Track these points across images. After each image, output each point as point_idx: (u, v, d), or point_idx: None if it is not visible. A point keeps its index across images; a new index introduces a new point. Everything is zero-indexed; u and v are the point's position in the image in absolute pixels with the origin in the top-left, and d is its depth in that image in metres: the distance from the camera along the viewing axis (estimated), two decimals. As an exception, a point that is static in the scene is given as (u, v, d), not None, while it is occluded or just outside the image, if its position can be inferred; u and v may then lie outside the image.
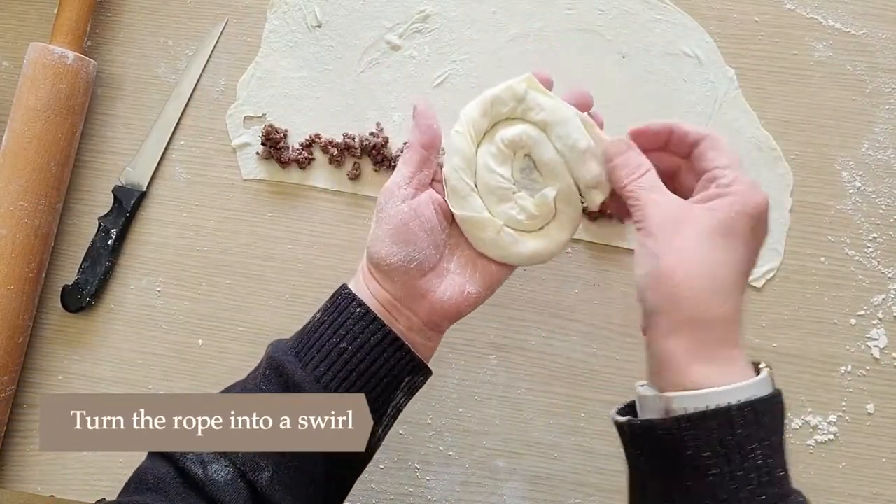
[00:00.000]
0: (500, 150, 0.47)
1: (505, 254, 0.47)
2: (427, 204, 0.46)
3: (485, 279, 0.47)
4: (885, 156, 0.62)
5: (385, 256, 0.45)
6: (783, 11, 0.63)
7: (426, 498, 0.61)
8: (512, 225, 0.47)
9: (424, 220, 0.46)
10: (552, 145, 0.46)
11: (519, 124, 0.47)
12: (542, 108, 0.46)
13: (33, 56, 0.61)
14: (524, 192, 0.47)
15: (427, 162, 0.47)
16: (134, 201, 0.64)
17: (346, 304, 0.46)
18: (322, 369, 0.44)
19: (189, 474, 0.42)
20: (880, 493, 0.59)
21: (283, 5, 0.65)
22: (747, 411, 0.37)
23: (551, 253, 0.48)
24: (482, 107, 0.47)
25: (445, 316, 0.47)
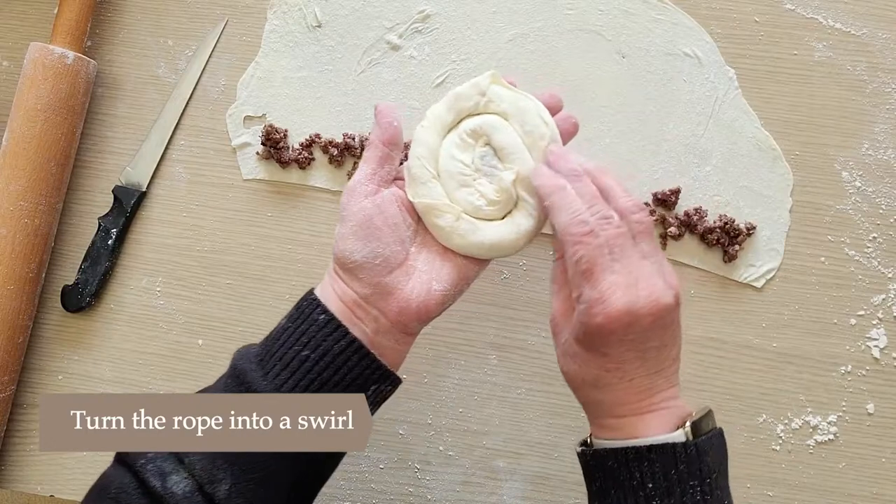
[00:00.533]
0: (462, 140, 0.48)
1: (465, 242, 0.47)
2: (390, 200, 0.47)
3: (452, 276, 0.47)
4: (885, 156, 0.62)
5: (350, 253, 0.45)
6: (783, 11, 0.63)
7: (426, 498, 0.61)
8: (472, 213, 0.47)
9: (388, 216, 0.46)
10: (512, 131, 0.47)
11: (481, 116, 0.48)
12: (504, 100, 0.48)
13: (33, 56, 0.61)
14: (484, 179, 0.48)
15: (388, 158, 0.47)
16: (134, 201, 0.64)
17: (311, 311, 0.45)
18: (283, 377, 0.44)
19: (148, 486, 0.41)
20: (880, 493, 0.59)
21: (283, 5, 0.65)
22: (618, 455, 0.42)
23: (516, 241, 0.48)
24: (447, 102, 0.48)
25: (414, 315, 0.46)
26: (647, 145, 0.62)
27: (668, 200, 0.61)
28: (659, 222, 0.61)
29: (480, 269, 0.49)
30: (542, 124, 0.47)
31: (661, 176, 0.62)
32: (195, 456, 0.42)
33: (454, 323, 0.62)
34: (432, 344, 0.62)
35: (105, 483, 0.43)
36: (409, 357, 0.61)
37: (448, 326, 0.62)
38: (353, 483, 0.61)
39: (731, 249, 0.61)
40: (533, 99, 0.48)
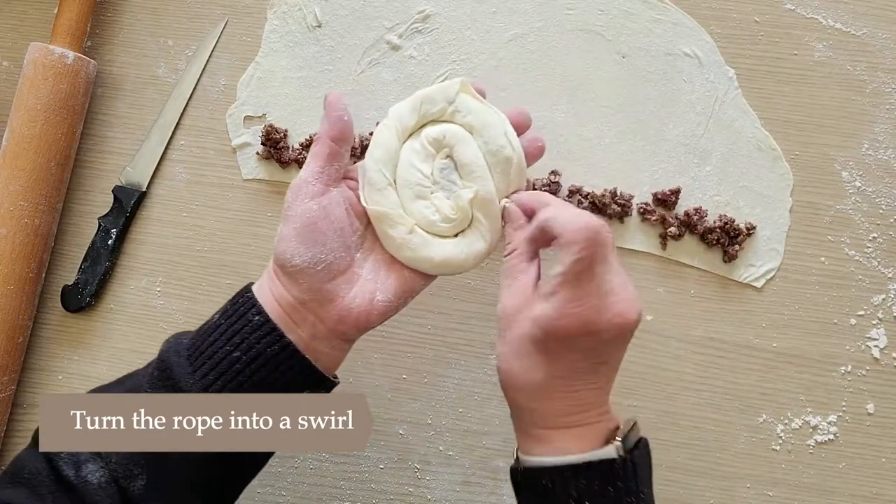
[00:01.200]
0: (423, 147, 0.46)
1: (414, 256, 0.46)
2: (338, 202, 0.44)
3: (397, 287, 0.45)
4: (885, 156, 0.62)
5: (290, 257, 0.43)
6: (783, 11, 0.63)
7: (426, 498, 0.61)
8: (425, 227, 0.46)
9: (334, 220, 0.44)
10: (477, 147, 0.45)
11: (445, 125, 0.46)
12: (470, 112, 0.46)
13: (33, 56, 0.61)
14: (441, 193, 0.46)
15: (337, 155, 0.45)
16: (134, 201, 0.64)
17: (246, 310, 0.43)
18: (211, 378, 0.42)
19: (61, 474, 0.41)
20: (880, 493, 0.59)
21: (283, 5, 0.65)
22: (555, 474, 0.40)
23: (464, 262, 0.46)
24: (412, 104, 0.46)
25: (353, 324, 0.44)
26: (647, 145, 0.62)
27: (668, 200, 0.61)
28: (659, 222, 0.62)
29: (426, 284, 0.47)
30: (508, 145, 0.46)
31: (661, 176, 0.62)
32: None
33: (454, 323, 0.62)
34: (432, 344, 0.62)
35: (20, 465, 0.42)
36: (409, 357, 0.61)
37: (448, 326, 0.62)
38: (353, 483, 0.61)
39: (731, 249, 0.61)
40: (500, 115, 0.46)
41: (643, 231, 0.62)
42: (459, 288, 0.62)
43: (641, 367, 0.61)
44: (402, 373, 0.62)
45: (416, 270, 0.46)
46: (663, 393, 0.61)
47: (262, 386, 0.42)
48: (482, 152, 0.46)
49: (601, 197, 0.61)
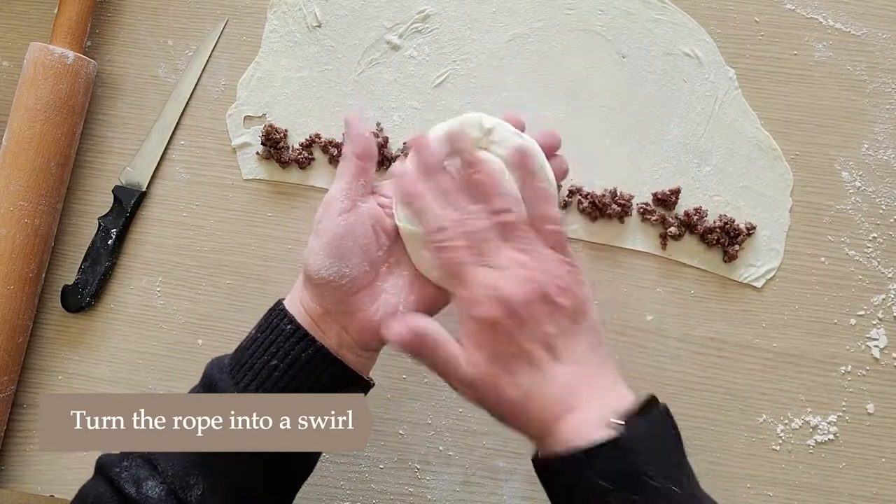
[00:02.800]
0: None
1: (443, 276, 0.46)
2: (364, 219, 0.46)
3: (420, 303, 0.47)
4: (885, 156, 0.62)
5: (317, 269, 0.45)
6: (783, 11, 0.63)
7: (426, 498, 0.61)
8: None
9: (359, 237, 0.45)
10: (512, 179, 0.46)
11: (483, 153, 0.46)
12: (508, 145, 0.46)
13: (33, 56, 0.61)
14: None
15: (363, 172, 0.46)
16: (134, 201, 0.64)
17: (278, 321, 0.46)
18: (253, 387, 0.44)
19: (124, 493, 0.42)
20: (880, 493, 0.59)
21: (283, 5, 0.65)
22: None
23: None
24: (451, 128, 0.47)
25: (375, 335, 0.46)
26: (647, 145, 0.62)
27: (668, 200, 0.61)
28: (659, 222, 0.62)
29: (450, 300, 0.48)
30: (545, 180, 0.46)
31: (661, 176, 0.62)
32: (168, 462, 0.43)
33: (455, 323, 0.62)
34: (432, 344, 0.62)
35: (83, 496, 0.44)
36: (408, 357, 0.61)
37: (447, 326, 0.62)
38: (353, 483, 0.61)
39: (731, 249, 0.61)
40: (536, 149, 0.47)
41: (643, 231, 0.62)
42: (459, 288, 0.62)
43: (641, 367, 0.61)
44: (402, 373, 0.62)
45: (441, 288, 0.47)
46: (663, 393, 0.60)
47: (301, 389, 0.44)
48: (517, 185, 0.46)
49: (601, 197, 0.61)
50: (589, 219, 0.62)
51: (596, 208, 0.61)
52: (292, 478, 0.47)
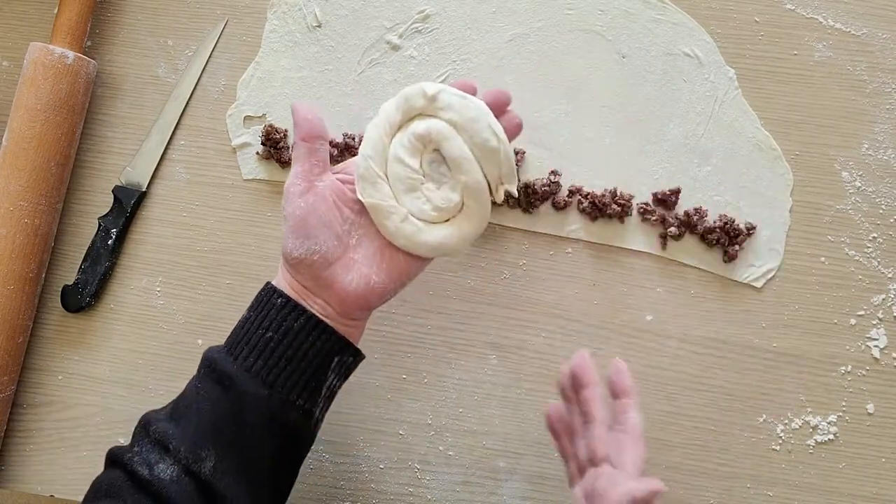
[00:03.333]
0: (410, 143, 0.48)
1: (409, 243, 0.49)
2: (323, 197, 0.48)
3: (392, 270, 0.49)
4: (885, 156, 0.62)
5: (290, 251, 0.47)
6: (783, 11, 0.63)
7: (426, 498, 0.61)
8: (418, 216, 0.49)
9: (321, 214, 0.47)
10: (462, 142, 0.48)
11: (430, 119, 0.48)
12: (452, 108, 0.48)
13: (33, 56, 0.61)
14: (431, 185, 0.49)
15: (312, 152, 0.48)
16: (134, 201, 0.64)
17: (269, 297, 0.48)
18: (252, 360, 0.47)
19: (138, 476, 0.44)
20: (880, 493, 0.59)
21: (283, 5, 0.65)
22: None
23: (458, 245, 0.50)
24: (397, 102, 0.49)
25: (354, 305, 0.48)
26: (647, 145, 0.62)
27: (668, 200, 0.61)
28: (659, 222, 0.62)
29: (422, 267, 0.51)
30: (492, 136, 0.48)
31: (661, 176, 0.62)
32: (181, 442, 0.45)
33: (454, 323, 0.62)
34: (432, 344, 0.62)
35: (97, 484, 0.46)
36: (409, 357, 0.62)
37: (448, 326, 0.62)
38: (353, 483, 0.61)
39: (731, 249, 0.61)
40: (482, 108, 0.48)
41: (643, 231, 0.62)
42: (460, 288, 0.62)
43: (641, 367, 0.61)
44: (402, 373, 0.62)
45: (411, 254, 0.49)
46: (663, 393, 0.61)
47: (296, 358, 0.47)
48: (469, 146, 0.48)
49: (601, 197, 0.61)
50: (589, 219, 0.62)
51: (596, 208, 0.61)
52: (297, 445, 0.49)
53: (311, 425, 0.49)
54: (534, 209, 0.62)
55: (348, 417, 0.61)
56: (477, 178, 0.48)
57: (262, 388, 0.46)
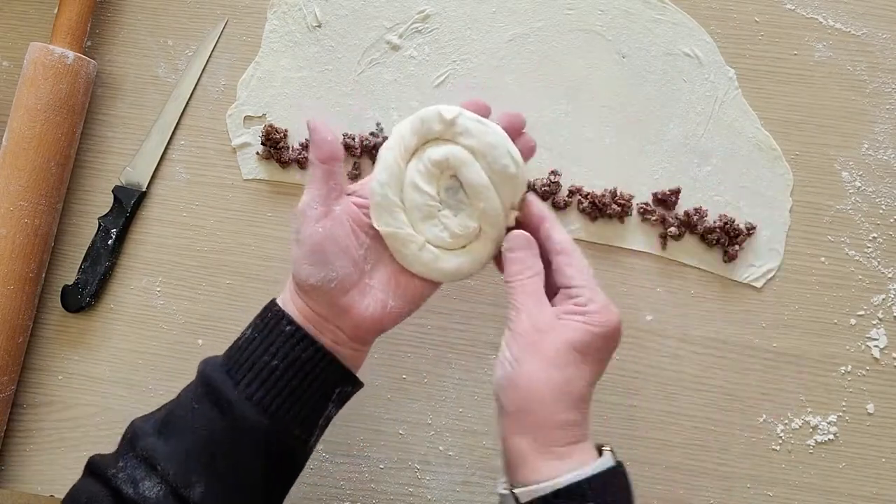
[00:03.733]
0: (427, 169, 0.47)
1: (426, 270, 0.48)
2: (341, 222, 0.46)
3: (407, 294, 0.48)
4: (885, 156, 0.62)
5: (305, 278, 0.46)
6: (783, 11, 0.63)
7: (426, 498, 0.61)
8: (435, 242, 0.48)
9: (339, 239, 0.46)
10: (481, 168, 0.47)
11: (447, 145, 0.47)
12: (470, 133, 0.46)
13: (33, 56, 0.61)
14: (448, 211, 0.48)
15: (331, 175, 0.46)
16: (134, 201, 0.64)
17: (277, 322, 0.46)
18: (254, 387, 0.45)
19: (122, 494, 0.43)
20: (880, 493, 0.59)
21: (283, 5, 0.65)
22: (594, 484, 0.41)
23: (473, 269, 0.49)
24: (412, 125, 0.47)
25: (369, 330, 0.47)
26: (647, 145, 0.62)
27: (668, 200, 0.61)
28: (659, 222, 0.62)
29: (436, 288, 0.50)
30: (511, 163, 0.47)
31: (661, 176, 0.62)
32: (169, 463, 0.43)
33: (454, 323, 0.62)
34: (432, 344, 0.62)
35: (75, 494, 0.45)
36: (409, 357, 0.62)
37: (448, 326, 0.62)
38: (353, 483, 0.61)
39: (731, 249, 0.61)
40: (499, 132, 0.47)
41: (643, 231, 0.62)
42: (459, 288, 0.62)
43: (641, 367, 0.61)
44: (402, 373, 0.62)
45: (425, 280, 0.49)
46: (663, 393, 0.61)
47: (300, 389, 0.45)
48: (487, 172, 0.47)
49: (601, 197, 0.61)
50: (589, 219, 0.62)
51: (596, 208, 0.61)
52: (288, 471, 0.47)
53: (305, 453, 0.48)
54: (534, 209, 0.62)
55: (348, 417, 0.61)
56: (495, 205, 0.47)
57: (262, 417, 0.44)
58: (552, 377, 0.43)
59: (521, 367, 0.43)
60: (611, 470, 0.42)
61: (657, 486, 0.60)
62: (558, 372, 0.43)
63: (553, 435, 0.43)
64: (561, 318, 0.44)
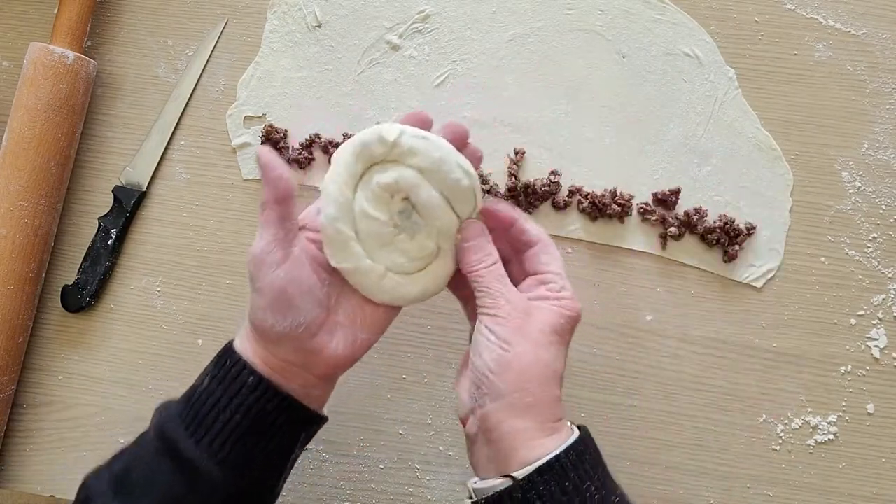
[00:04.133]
0: (376, 195, 0.45)
1: (391, 298, 0.46)
2: (301, 264, 0.44)
3: (375, 325, 0.47)
4: (885, 156, 0.62)
5: (270, 326, 0.43)
6: (783, 11, 0.63)
7: (426, 498, 0.61)
8: (395, 269, 0.46)
9: (302, 282, 0.43)
10: (431, 188, 0.45)
11: (394, 168, 0.44)
12: (417, 152, 0.44)
13: (33, 56, 0.61)
14: (404, 235, 0.46)
15: (286, 216, 0.43)
16: (134, 201, 0.64)
17: (238, 372, 0.44)
18: (217, 445, 0.42)
19: None
20: (880, 493, 0.59)
21: (283, 5, 0.65)
22: (571, 454, 0.42)
23: (438, 288, 0.48)
24: (354, 150, 0.44)
25: (340, 366, 0.46)
26: (647, 145, 0.62)
27: (668, 200, 0.61)
28: (659, 222, 0.62)
29: (400, 309, 0.48)
30: (463, 176, 0.45)
31: (661, 176, 0.62)
32: None
33: (454, 323, 0.62)
34: (432, 344, 0.62)
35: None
36: (409, 357, 0.62)
37: (448, 326, 0.62)
38: (353, 483, 0.61)
39: (731, 249, 0.61)
40: (445, 146, 0.45)
41: (643, 231, 0.62)
42: (459, 288, 0.62)
43: (641, 367, 0.61)
44: (402, 373, 0.62)
45: (389, 307, 0.47)
46: (663, 393, 0.61)
47: (266, 437, 0.44)
48: (439, 189, 0.45)
49: (601, 197, 0.61)
50: (589, 219, 0.62)
51: (596, 208, 0.61)
52: None
53: (274, 495, 0.46)
54: (534, 209, 0.62)
55: (348, 417, 0.61)
56: (452, 222, 0.46)
57: (228, 474, 0.42)
58: (541, 357, 0.43)
59: (514, 348, 0.43)
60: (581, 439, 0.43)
61: (657, 486, 0.60)
62: (545, 352, 0.44)
63: (551, 411, 0.43)
64: (535, 303, 0.45)
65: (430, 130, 0.46)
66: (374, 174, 0.45)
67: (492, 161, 0.63)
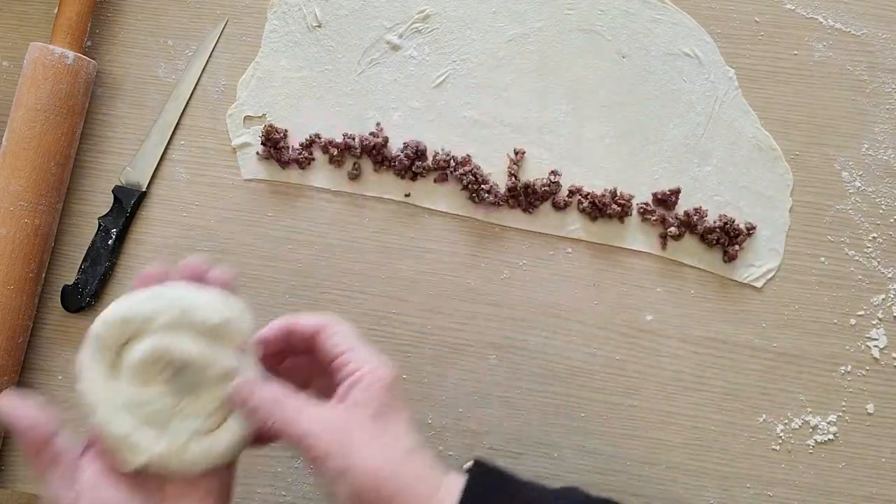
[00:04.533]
0: (138, 376, 0.41)
1: (206, 463, 0.42)
2: (95, 485, 0.40)
3: (217, 491, 0.43)
4: (885, 156, 0.62)
5: None
6: (783, 11, 0.63)
7: (426, 498, 0.61)
8: (197, 433, 0.42)
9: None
10: (188, 340, 0.41)
11: (140, 341, 0.41)
12: (152, 317, 0.41)
13: (33, 56, 0.61)
14: (189, 397, 0.42)
15: (58, 457, 0.40)
16: (134, 201, 0.64)
17: None
18: None
19: None
20: (880, 493, 0.59)
21: (283, 5, 0.65)
22: None
23: (254, 425, 0.43)
24: (91, 352, 0.41)
25: None
26: (647, 145, 0.62)
27: (668, 200, 0.61)
28: (659, 222, 0.62)
29: (235, 465, 0.44)
30: (213, 313, 0.42)
31: (661, 176, 0.62)
32: None
33: (454, 323, 0.62)
34: (432, 344, 0.62)
35: None
36: (409, 357, 0.62)
37: (448, 326, 0.62)
38: (353, 483, 0.61)
39: (731, 249, 0.61)
40: (180, 293, 0.42)
41: (643, 231, 0.62)
42: (460, 288, 0.62)
43: (641, 367, 0.61)
44: (402, 373, 0.62)
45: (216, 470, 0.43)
46: (663, 393, 0.61)
47: None
48: (197, 337, 0.42)
49: (601, 197, 0.61)
50: (589, 219, 0.62)
51: (596, 208, 0.61)
52: None
53: None
54: (534, 209, 0.62)
55: (348, 417, 0.61)
56: (226, 364, 0.42)
57: None
58: (389, 455, 0.40)
59: (359, 473, 0.39)
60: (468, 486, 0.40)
61: (657, 486, 0.60)
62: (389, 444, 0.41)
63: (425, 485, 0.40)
64: (345, 401, 0.41)
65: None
66: (125, 356, 0.41)
67: (492, 161, 0.63)
